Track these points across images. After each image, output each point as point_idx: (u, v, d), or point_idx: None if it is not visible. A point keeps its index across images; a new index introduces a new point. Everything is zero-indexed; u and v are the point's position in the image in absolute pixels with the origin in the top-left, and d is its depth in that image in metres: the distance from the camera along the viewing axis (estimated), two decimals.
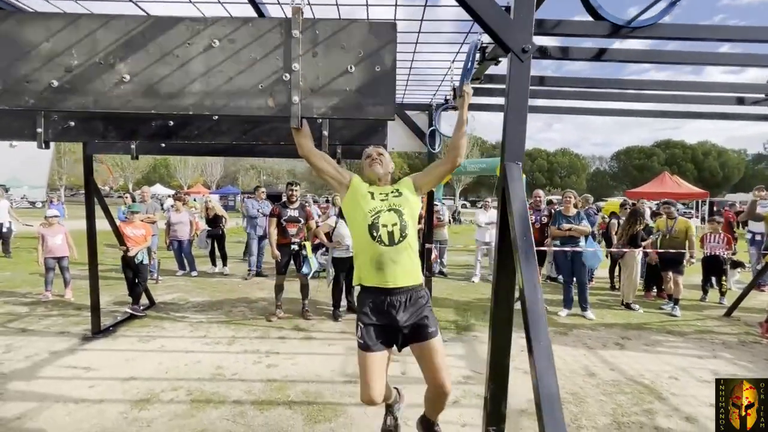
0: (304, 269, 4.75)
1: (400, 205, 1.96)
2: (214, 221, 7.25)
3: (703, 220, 18.37)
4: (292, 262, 4.86)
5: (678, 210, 6.15)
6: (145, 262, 4.95)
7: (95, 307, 4.17)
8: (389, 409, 2.31)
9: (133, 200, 7.62)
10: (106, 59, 1.61)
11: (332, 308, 5.01)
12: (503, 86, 2.02)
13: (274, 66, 1.68)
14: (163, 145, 3.49)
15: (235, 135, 2.67)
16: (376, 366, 1.89)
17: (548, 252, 5.82)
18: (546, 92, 4.22)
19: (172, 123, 2.60)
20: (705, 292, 6.28)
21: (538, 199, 5.69)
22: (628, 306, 5.62)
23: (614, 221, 6.84)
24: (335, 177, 2.04)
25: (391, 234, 1.88)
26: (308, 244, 4.84)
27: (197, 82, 1.67)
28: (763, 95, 4.10)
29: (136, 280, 4.80)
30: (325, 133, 2.55)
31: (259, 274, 7.18)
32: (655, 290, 6.40)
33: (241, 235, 10.13)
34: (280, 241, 4.72)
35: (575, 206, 5.29)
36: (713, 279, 6.33)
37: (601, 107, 5.10)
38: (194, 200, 11.65)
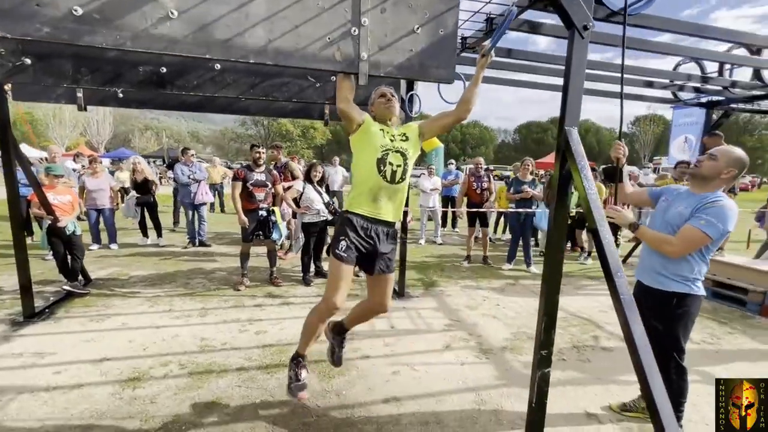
0: (274, 235, 4.60)
1: (407, 149, 2.08)
2: (143, 187, 6.41)
3: None
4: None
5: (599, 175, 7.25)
6: (78, 232, 4.28)
7: (26, 288, 3.54)
8: (342, 339, 2.54)
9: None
10: None
11: (302, 274, 4.98)
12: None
13: (342, 18, 1.62)
14: (120, 94, 2.97)
15: (243, 88, 2.43)
16: (348, 277, 2.05)
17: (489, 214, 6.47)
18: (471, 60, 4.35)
19: (165, 70, 2.26)
20: None
21: (479, 166, 6.21)
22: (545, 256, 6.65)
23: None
24: (355, 119, 2.06)
25: (394, 173, 2.02)
26: (277, 210, 4.65)
27: (259, 27, 1.54)
28: (668, 81, 5.01)
29: (70, 255, 4.14)
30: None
31: (202, 243, 6.66)
32: (569, 245, 7.62)
33: (169, 203, 9.14)
34: (246, 207, 4.46)
35: (531, 173, 5.93)
36: (615, 234, 7.72)
37: (511, 78, 5.19)
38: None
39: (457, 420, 2.39)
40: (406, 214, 4.52)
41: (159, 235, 6.66)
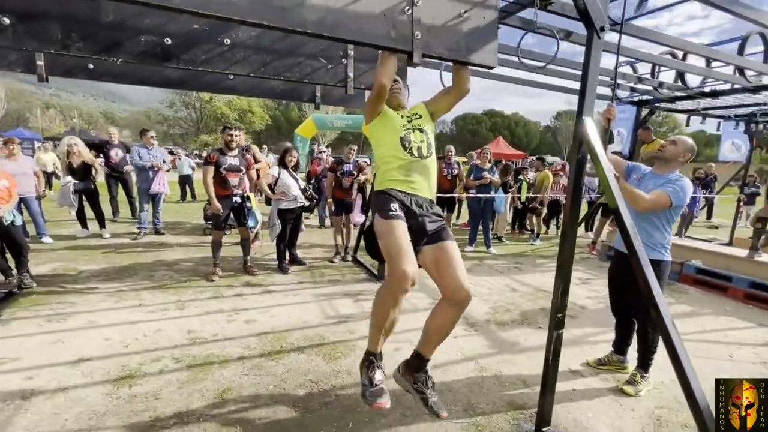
0: (250, 222, 4.42)
1: (423, 125, 2.07)
2: (82, 172, 5.69)
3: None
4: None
5: (546, 164, 7.95)
6: (18, 222, 3.74)
7: None
8: (427, 377, 1.95)
9: None
10: None
11: (277, 262, 4.86)
12: None
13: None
14: (91, 65, 2.62)
15: (254, 66, 2.31)
16: (408, 236, 1.73)
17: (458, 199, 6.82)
18: None
19: (170, 41, 2.07)
20: (547, 226, 8.48)
21: (450, 154, 6.51)
22: (499, 239, 7.22)
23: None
24: (385, 100, 2.03)
25: (420, 149, 1.98)
26: (252, 195, 4.46)
27: None
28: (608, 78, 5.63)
29: (9, 250, 3.62)
30: (351, 74, 2.49)
31: (157, 232, 6.13)
32: (517, 227, 8.32)
33: (104, 191, 8.17)
34: (219, 193, 4.22)
35: (489, 161, 6.32)
36: (556, 217, 8.56)
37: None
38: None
39: (465, 386, 2.60)
40: None
41: (102, 225, 5.99)
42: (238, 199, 4.34)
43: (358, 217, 5.50)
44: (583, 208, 7.83)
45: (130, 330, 3.14)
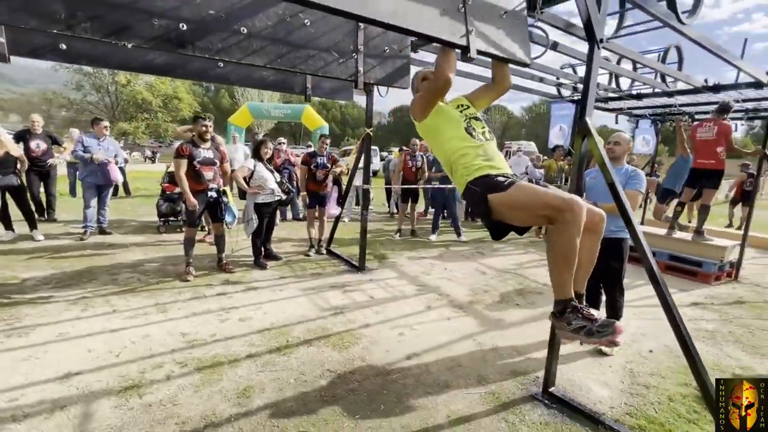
0: (227, 218, 4.21)
1: (474, 114, 2.12)
2: (3, 165, 4.89)
3: None
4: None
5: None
6: None
7: None
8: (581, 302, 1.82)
9: None
10: None
11: (253, 258, 4.70)
12: None
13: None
14: (63, 46, 2.31)
15: (270, 57, 2.23)
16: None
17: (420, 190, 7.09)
18: None
19: (185, 27, 1.94)
20: None
21: (414, 147, 6.73)
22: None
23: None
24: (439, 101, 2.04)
25: (483, 134, 2.01)
26: (228, 190, 4.25)
27: None
28: (554, 78, 6.25)
29: None
30: (361, 69, 2.54)
31: (102, 231, 5.52)
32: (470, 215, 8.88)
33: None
34: (194, 188, 3.96)
35: None
36: None
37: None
38: None
39: (470, 360, 2.85)
40: (367, 191, 4.70)
41: (33, 226, 5.23)
42: (213, 194, 4.11)
43: (333, 209, 5.50)
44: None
45: (114, 338, 2.89)
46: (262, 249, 4.76)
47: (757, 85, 4.77)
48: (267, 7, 2.18)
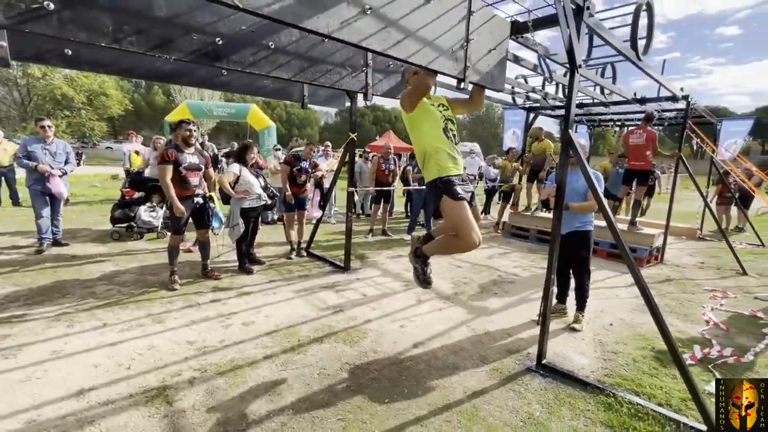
0: (214, 223, 4.15)
1: (451, 116, 2.47)
2: None
3: None
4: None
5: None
6: None
7: None
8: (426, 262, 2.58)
9: None
10: None
11: (238, 263, 4.66)
12: None
13: (459, 36, 2.05)
14: (69, 51, 2.22)
15: (294, 71, 2.34)
16: (472, 213, 2.26)
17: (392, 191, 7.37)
18: None
19: (221, 41, 2.02)
20: None
21: (388, 151, 6.98)
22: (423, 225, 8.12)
23: (409, 167, 9.21)
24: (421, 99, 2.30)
25: (455, 136, 2.38)
26: (215, 195, 4.19)
27: (419, 33, 1.80)
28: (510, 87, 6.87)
29: None
30: (371, 82, 2.75)
31: (57, 243, 5.07)
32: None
33: None
34: (179, 194, 3.86)
35: None
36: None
37: None
38: None
39: (470, 344, 3.19)
40: (352, 194, 4.88)
41: None
42: (199, 200, 4.04)
43: (316, 212, 5.57)
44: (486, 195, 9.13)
45: (116, 352, 2.80)
46: (245, 254, 4.73)
47: (673, 98, 5.72)
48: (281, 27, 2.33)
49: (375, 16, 1.57)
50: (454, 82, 2.22)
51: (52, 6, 1.56)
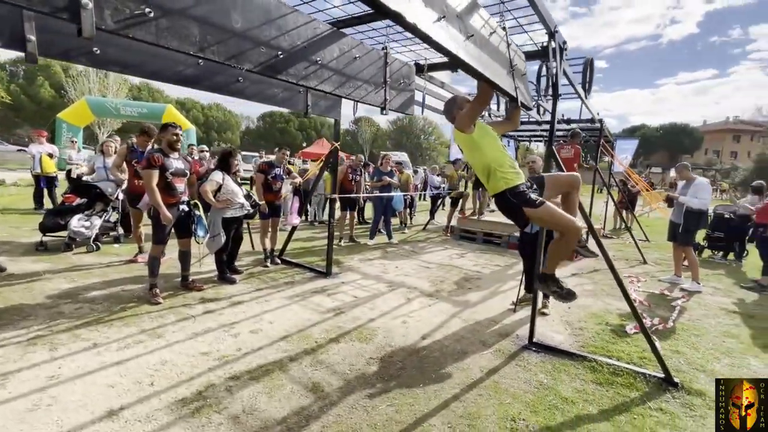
0: (199, 232, 3.96)
1: (498, 135, 2.74)
2: None
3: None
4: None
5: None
6: None
7: None
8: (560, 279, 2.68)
9: None
10: None
11: (218, 273, 4.48)
12: None
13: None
14: (97, 50, 2.09)
15: (334, 85, 2.51)
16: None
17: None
18: None
19: (281, 55, 2.13)
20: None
21: (358, 162, 7.18)
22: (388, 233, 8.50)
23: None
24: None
25: (507, 149, 2.79)
26: (199, 203, 4.00)
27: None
28: None
29: None
30: (389, 97, 3.04)
31: None
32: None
33: None
34: (166, 201, 3.64)
35: (390, 166, 7.29)
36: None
37: None
38: None
39: (468, 332, 3.59)
40: (334, 201, 5.01)
41: None
42: (185, 207, 3.85)
43: (295, 219, 5.53)
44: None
45: (127, 370, 2.62)
46: (226, 263, 4.57)
47: (591, 120, 6.94)
48: (333, 41, 2.48)
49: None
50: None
51: (151, 13, 1.55)
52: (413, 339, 3.39)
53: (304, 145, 34.20)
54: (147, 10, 1.57)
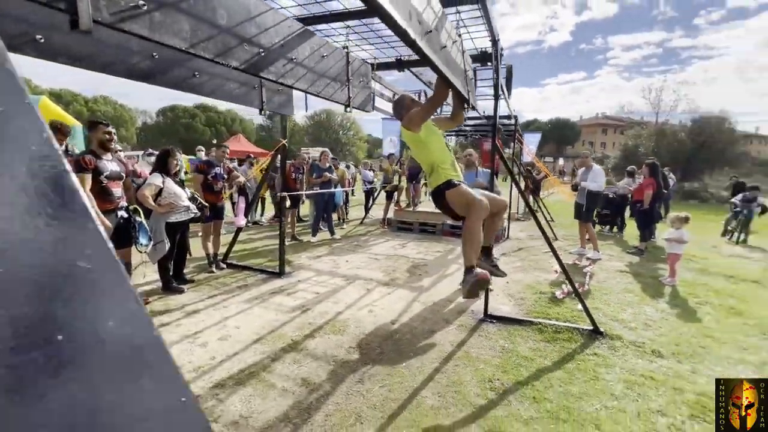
0: (142, 240, 3.60)
1: (443, 133, 3.03)
2: None
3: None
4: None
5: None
6: None
7: None
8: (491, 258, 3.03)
9: None
10: None
11: (163, 283, 4.12)
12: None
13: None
14: (41, 38, 1.82)
15: (309, 83, 2.52)
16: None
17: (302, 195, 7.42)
18: None
19: (263, 53, 2.11)
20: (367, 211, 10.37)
21: (303, 161, 7.00)
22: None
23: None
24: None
25: (449, 148, 2.97)
26: (139, 208, 3.61)
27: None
28: None
29: None
30: (351, 95, 3.16)
31: None
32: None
33: None
34: (102, 207, 3.25)
35: (329, 162, 7.23)
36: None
37: None
38: None
39: (430, 313, 3.90)
40: (284, 199, 4.90)
41: None
42: (123, 213, 3.47)
43: (242, 220, 5.25)
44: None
45: None
46: (172, 272, 4.22)
47: (508, 116, 7.80)
48: (304, 39, 2.50)
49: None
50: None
51: (144, 6, 1.44)
52: (384, 325, 3.58)
53: (214, 141, 31.86)
54: (142, 3, 1.47)
